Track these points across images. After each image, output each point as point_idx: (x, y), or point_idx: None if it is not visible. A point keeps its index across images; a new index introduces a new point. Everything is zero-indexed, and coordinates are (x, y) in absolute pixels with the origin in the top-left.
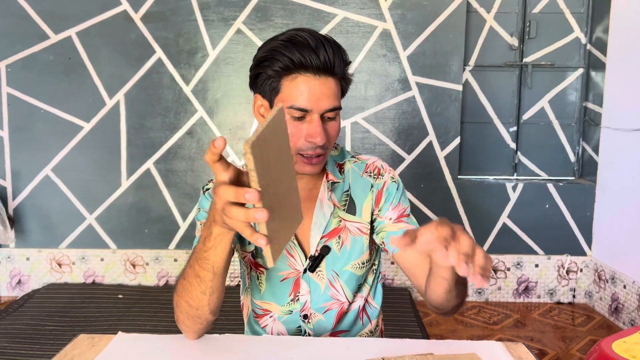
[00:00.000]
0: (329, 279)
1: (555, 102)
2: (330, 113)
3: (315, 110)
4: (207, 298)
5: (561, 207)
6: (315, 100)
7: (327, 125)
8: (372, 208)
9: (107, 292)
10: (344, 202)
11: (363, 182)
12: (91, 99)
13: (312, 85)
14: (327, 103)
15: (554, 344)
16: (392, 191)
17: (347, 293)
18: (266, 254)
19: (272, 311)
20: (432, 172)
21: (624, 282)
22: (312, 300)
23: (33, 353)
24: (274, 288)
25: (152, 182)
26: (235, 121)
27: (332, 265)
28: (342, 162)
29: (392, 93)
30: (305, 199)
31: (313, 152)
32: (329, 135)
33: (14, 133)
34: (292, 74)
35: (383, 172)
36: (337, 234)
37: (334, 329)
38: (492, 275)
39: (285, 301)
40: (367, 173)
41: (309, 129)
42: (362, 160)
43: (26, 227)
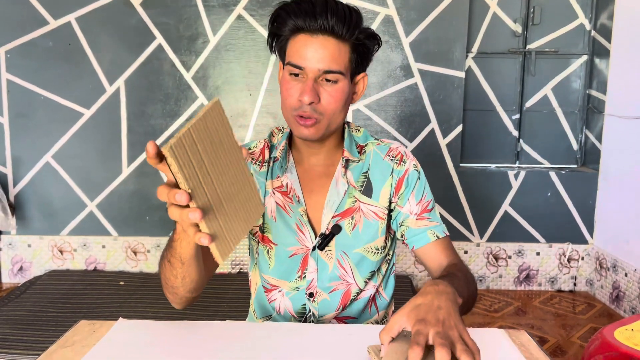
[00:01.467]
0: (337, 259)
1: (559, 90)
2: (329, 76)
3: (308, 68)
4: (180, 281)
5: (563, 195)
6: (309, 58)
7: (323, 88)
8: (391, 194)
9: (108, 279)
10: (361, 182)
11: (384, 165)
12: (91, 86)
13: (308, 43)
14: (322, 63)
15: (555, 331)
16: (412, 180)
17: (356, 277)
18: (213, 251)
19: (281, 286)
20: (434, 160)
21: (625, 270)
22: (319, 278)
23: (35, 339)
24: (282, 264)
25: (153, 169)
26: (237, 108)
27: (342, 246)
28: (363, 143)
29: (394, 80)
30: (321, 175)
31: (304, 112)
32: (324, 99)
33: (14, 120)
34: (296, 35)
35: (406, 158)
36: (351, 215)
37: (340, 313)
38: (494, 263)
39: (293, 277)
40: (390, 157)
41: (300, 87)
42: (385, 143)
43: (27, 214)
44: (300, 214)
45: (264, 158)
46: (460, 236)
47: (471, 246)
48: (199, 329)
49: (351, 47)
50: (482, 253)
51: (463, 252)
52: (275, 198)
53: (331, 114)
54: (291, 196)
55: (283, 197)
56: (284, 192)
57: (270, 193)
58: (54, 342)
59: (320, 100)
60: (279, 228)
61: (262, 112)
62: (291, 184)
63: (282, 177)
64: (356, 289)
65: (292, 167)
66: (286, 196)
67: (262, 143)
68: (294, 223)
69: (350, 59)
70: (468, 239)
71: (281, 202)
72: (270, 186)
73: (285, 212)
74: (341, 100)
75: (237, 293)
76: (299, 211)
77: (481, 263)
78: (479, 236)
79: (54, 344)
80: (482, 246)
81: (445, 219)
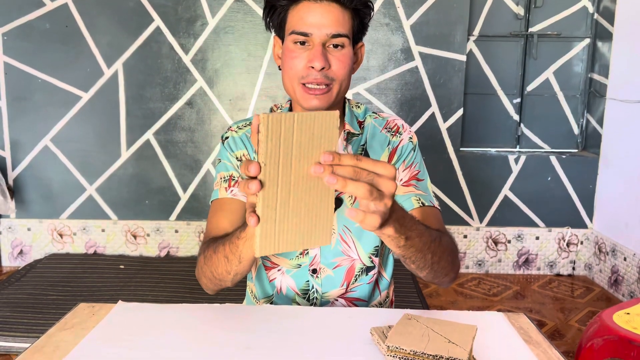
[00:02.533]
0: (340, 234)
1: (561, 73)
2: (336, 40)
3: (316, 34)
4: (231, 277)
5: (563, 179)
6: (315, 24)
7: (332, 53)
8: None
9: (108, 262)
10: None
11: (381, 137)
12: (89, 69)
13: (312, 8)
14: (329, 28)
15: (553, 315)
16: (405, 151)
17: (360, 252)
18: (254, 239)
19: (281, 265)
20: (434, 144)
21: (624, 255)
22: (322, 254)
23: (36, 322)
24: None
25: (152, 153)
26: (236, 91)
27: (344, 220)
28: (362, 119)
29: (394, 63)
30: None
31: (315, 79)
32: (333, 64)
33: (12, 102)
34: (296, 4)
35: (402, 130)
36: None
37: (346, 294)
38: (493, 247)
39: (294, 255)
40: (387, 129)
41: (309, 54)
42: (383, 117)
43: (26, 197)
44: None
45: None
46: (459, 220)
47: (471, 230)
48: (198, 311)
49: (352, 13)
50: (481, 237)
51: (462, 236)
52: None
53: (341, 80)
54: None
55: None
56: None
57: None
58: (54, 325)
59: (330, 66)
60: None
61: (261, 95)
62: None
63: None
64: (360, 264)
65: None
66: None
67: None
68: None
69: (352, 25)
70: (468, 223)
71: None
72: None
73: None
74: (349, 65)
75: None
76: None
77: (480, 247)
78: (478, 220)
79: (53, 326)
80: (481, 230)
81: (444, 203)
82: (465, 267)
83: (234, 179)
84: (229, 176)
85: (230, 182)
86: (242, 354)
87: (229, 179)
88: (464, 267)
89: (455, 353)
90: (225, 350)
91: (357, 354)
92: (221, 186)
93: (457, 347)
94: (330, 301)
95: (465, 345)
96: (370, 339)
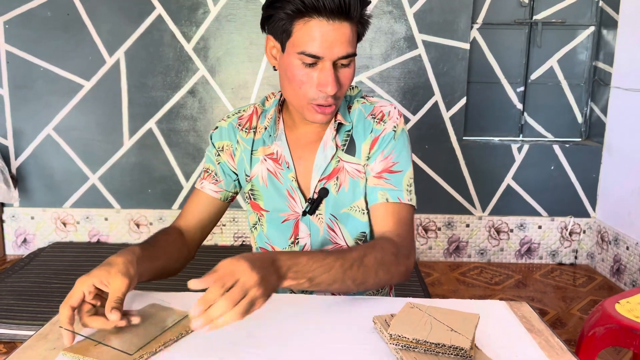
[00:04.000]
0: (327, 223)
1: (565, 62)
2: (344, 60)
3: (328, 57)
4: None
5: (566, 168)
6: (328, 46)
7: (339, 73)
8: (368, 152)
9: (112, 251)
10: (344, 141)
11: (366, 123)
12: (91, 57)
13: (324, 30)
14: (341, 50)
15: (555, 304)
16: (386, 140)
17: (346, 236)
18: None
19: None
20: (437, 133)
21: (627, 244)
22: (312, 243)
23: (40, 310)
24: (275, 230)
25: (155, 141)
26: (238, 80)
27: (330, 209)
28: (352, 103)
29: (397, 51)
30: (311, 141)
31: (325, 101)
32: (342, 84)
33: (14, 91)
34: (305, 17)
35: (387, 118)
36: (335, 175)
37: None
38: (496, 236)
39: (286, 244)
40: (372, 116)
41: (320, 78)
42: (371, 102)
43: (30, 186)
44: (290, 180)
45: (251, 124)
46: (462, 209)
47: (473, 219)
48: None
49: (356, 26)
50: (484, 226)
51: (465, 225)
52: (267, 165)
53: (343, 95)
54: (281, 162)
55: (274, 164)
56: (274, 159)
57: (261, 160)
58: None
59: (341, 87)
60: (271, 195)
61: (263, 84)
62: (281, 150)
63: (272, 145)
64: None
65: (281, 135)
66: (277, 163)
67: (252, 109)
68: (284, 189)
69: (357, 36)
70: (470, 212)
71: (272, 169)
72: (262, 153)
73: (276, 179)
74: (352, 79)
75: None
76: (289, 177)
77: (483, 236)
78: (481, 209)
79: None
80: (484, 219)
81: (447, 192)
82: (468, 256)
83: (209, 172)
84: (207, 168)
85: (204, 174)
86: (243, 341)
87: (205, 171)
88: (466, 256)
89: (458, 341)
90: (226, 338)
91: (360, 341)
92: (200, 176)
93: (460, 336)
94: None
95: (467, 334)
96: (373, 327)
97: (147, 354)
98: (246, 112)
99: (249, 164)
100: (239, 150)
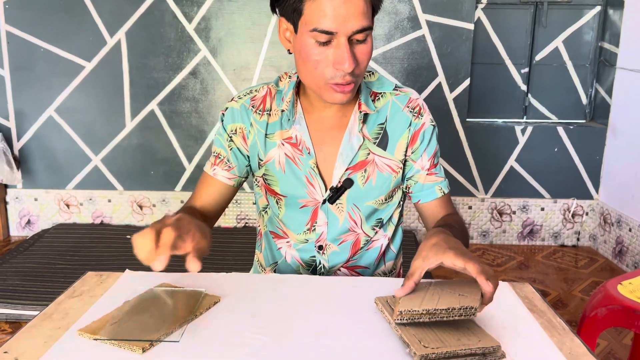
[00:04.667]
0: (348, 212)
1: (570, 42)
2: (360, 35)
3: (342, 32)
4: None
5: (570, 150)
6: (341, 20)
7: (356, 49)
8: (406, 147)
9: (115, 232)
10: (376, 134)
11: (402, 117)
12: (91, 37)
13: (336, 4)
14: (355, 23)
15: (557, 285)
16: (428, 135)
17: (364, 227)
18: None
19: (289, 237)
20: (440, 114)
21: (629, 226)
22: (329, 231)
23: (44, 290)
24: (292, 215)
25: (157, 123)
26: (240, 61)
27: (353, 199)
28: (378, 91)
29: (401, 32)
30: (333, 126)
31: (343, 80)
32: (359, 60)
33: (15, 72)
34: None
35: (423, 112)
36: (364, 167)
37: (350, 263)
38: (498, 218)
39: (302, 230)
40: (409, 108)
41: (335, 55)
42: (404, 93)
43: (32, 167)
44: (310, 166)
45: (264, 106)
46: (465, 192)
47: (476, 201)
48: (205, 280)
49: None
50: (486, 208)
51: (467, 207)
52: (284, 149)
53: (363, 72)
54: (301, 148)
55: (292, 149)
56: (293, 144)
57: (278, 144)
58: (63, 293)
59: (358, 63)
60: (289, 180)
61: (265, 65)
62: (300, 135)
63: (291, 130)
64: (365, 237)
65: (300, 119)
66: (296, 148)
67: (265, 89)
68: (303, 175)
69: (371, 11)
70: (473, 194)
71: (290, 154)
72: (279, 137)
73: (294, 164)
74: (370, 55)
75: (243, 246)
76: (309, 163)
77: (485, 218)
78: (483, 192)
79: (62, 294)
80: (486, 202)
81: (450, 174)
82: (470, 237)
83: (220, 157)
84: (217, 153)
85: (216, 159)
86: (248, 321)
87: (216, 156)
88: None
89: (467, 302)
90: (230, 318)
91: (362, 321)
92: (210, 160)
93: (467, 298)
94: (334, 270)
95: (474, 295)
96: (375, 308)
97: (163, 335)
98: (259, 93)
99: (263, 148)
100: (252, 134)
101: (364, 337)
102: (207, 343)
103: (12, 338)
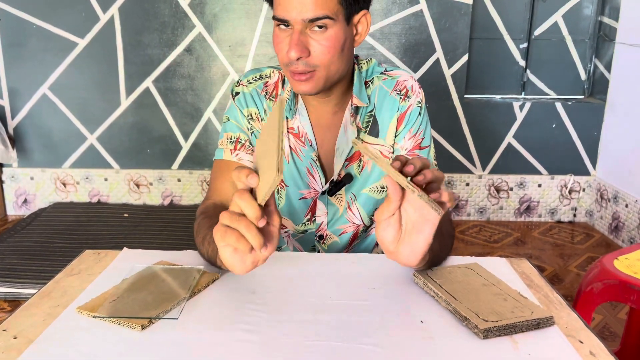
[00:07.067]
0: (347, 202)
1: (570, 17)
2: (317, 22)
3: (292, 21)
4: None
5: (568, 126)
6: (292, 9)
7: (314, 38)
8: (395, 131)
9: (112, 211)
10: (366, 123)
11: (390, 101)
12: (84, 13)
13: None
14: (307, 12)
15: (553, 260)
16: (413, 117)
17: (362, 215)
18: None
19: (288, 227)
20: (438, 90)
21: (626, 201)
22: (329, 222)
23: (43, 269)
24: (292, 206)
25: (152, 101)
26: (235, 37)
27: (351, 189)
28: (368, 78)
29: (398, 7)
30: (332, 120)
31: (295, 68)
32: (315, 50)
33: (7, 49)
34: None
35: (411, 93)
36: (359, 157)
37: (349, 251)
38: (495, 195)
39: (301, 221)
40: (397, 92)
41: (288, 42)
42: (392, 76)
43: (28, 146)
44: (312, 158)
45: (277, 93)
46: (462, 168)
47: (473, 178)
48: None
49: None
50: (483, 185)
51: (465, 184)
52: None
53: (327, 65)
54: (303, 140)
55: (295, 140)
56: (295, 135)
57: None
58: (61, 271)
59: (310, 53)
60: (291, 170)
61: (262, 42)
62: (303, 127)
63: (293, 120)
64: (363, 227)
65: (302, 109)
66: (298, 139)
67: (277, 75)
68: (304, 167)
69: (340, 0)
70: (470, 171)
71: (293, 145)
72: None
73: (296, 155)
74: (335, 47)
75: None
76: (311, 155)
77: (482, 195)
78: (481, 168)
79: (60, 272)
80: (484, 178)
81: (447, 151)
82: (467, 214)
83: (241, 142)
84: (236, 138)
85: (236, 145)
86: (247, 297)
87: (236, 141)
88: (465, 214)
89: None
90: (230, 295)
91: (360, 297)
92: (227, 147)
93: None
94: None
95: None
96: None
97: (162, 312)
98: (271, 79)
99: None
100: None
101: (362, 312)
102: (205, 320)
103: (11, 316)
